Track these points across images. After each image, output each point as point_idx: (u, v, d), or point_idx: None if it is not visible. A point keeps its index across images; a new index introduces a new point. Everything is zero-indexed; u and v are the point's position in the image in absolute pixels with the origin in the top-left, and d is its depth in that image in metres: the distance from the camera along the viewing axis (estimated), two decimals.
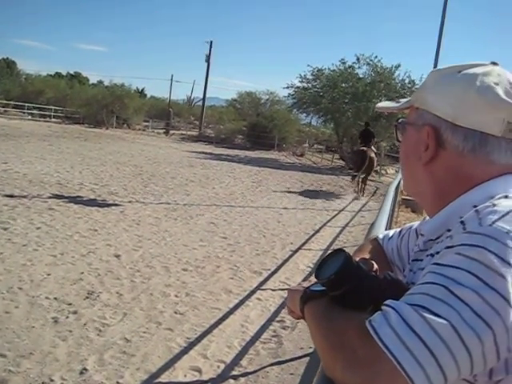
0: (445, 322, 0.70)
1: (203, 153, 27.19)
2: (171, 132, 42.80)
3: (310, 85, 29.94)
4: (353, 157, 19.33)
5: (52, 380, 3.52)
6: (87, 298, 5.08)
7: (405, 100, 1.09)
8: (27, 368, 3.64)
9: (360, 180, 15.94)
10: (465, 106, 0.92)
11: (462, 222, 0.83)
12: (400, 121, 1.08)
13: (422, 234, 1.08)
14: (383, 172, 25.05)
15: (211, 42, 47.89)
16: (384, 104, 1.19)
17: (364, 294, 0.83)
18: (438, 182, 0.97)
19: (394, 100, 1.15)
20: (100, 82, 65.08)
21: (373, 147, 16.63)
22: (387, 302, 0.76)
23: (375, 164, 17.26)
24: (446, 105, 0.94)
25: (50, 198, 9.83)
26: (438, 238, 0.95)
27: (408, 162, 1.05)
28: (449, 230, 0.88)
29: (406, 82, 27.14)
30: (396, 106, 1.11)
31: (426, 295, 0.74)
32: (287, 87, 30.71)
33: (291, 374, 4.00)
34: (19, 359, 3.74)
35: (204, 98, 50.55)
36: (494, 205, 0.82)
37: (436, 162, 0.96)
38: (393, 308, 0.74)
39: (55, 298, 4.95)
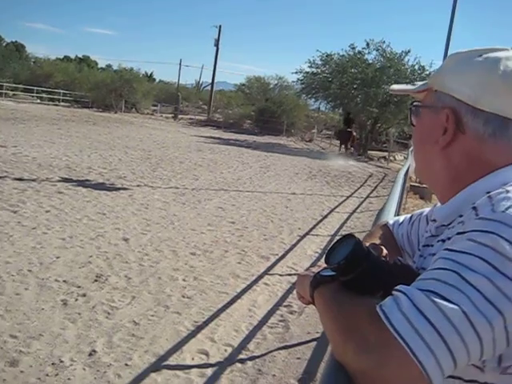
0: (456, 307, 0.70)
1: (211, 137, 27.16)
2: (179, 116, 42.71)
3: (319, 70, 29.81)
4: (342, 135, 26.59)
5: (62, 361, 3.56)
6: (96, 281, 5.12)
7: (421, 83, 1.07)
8: (37, 349, 3.69)
9: (344, 149, 25.91)
10: (487, 89, 0.90)
11: (474, 208, 0.82)
12: (415, 104, 1.05)
13: (433, 220, 1.07)
14: (392, 158, 24.93)
15: (220, 27, 47.57)
16: (399, 86, 1.17)
17: (374, 278, 0.83)
18: (454, 167, 0.95)
19: (409, 83, 1.13)
20: (109, 66, 64.89)
21: (353, 129, 26.25)
22: (398, 287, 0.76)
23: (355, 140, 26.79)
24: (468, 88, 0.92)
25: (58, 181, 9.88)
26: (450, 223, 0.94)
27: (423, 146, 1.03)
28: (461, 216, 0.88)
29: (416, 67, 26.94)
30: (412, 88, 1.08)
31: (437, 281, 0.73)
32: (296, 72, 30.65)
33: (298, 358, 4.03)
34: (29, 340, 3.79)
35: (213, 83, 50.34)
36: (508, 191, 0.81)
37: (453, 146, 0.95)
38: (404, 293, 0.74)
39: (64, 281, 4.99)
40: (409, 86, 1.11)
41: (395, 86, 1.15)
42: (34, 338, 3.84)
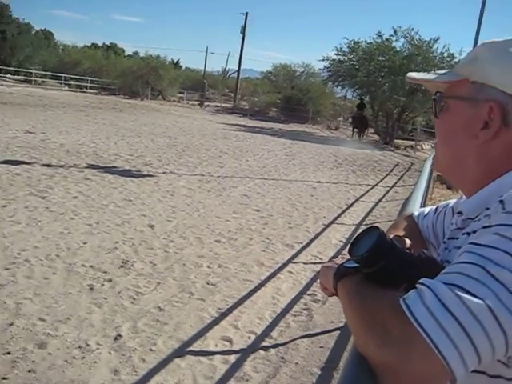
0: (480, 301, 0.69)
1: (237, 125, 27.17)
2: (206, 104, 42.81)
3: (345, 58, 29.54)
4: (357, 119, 27.69)
5: (88, 344, 3.62)
6: (122, 266, 5.18)
7: (441, 72, 1.02)
8: (64, 332, 3.75)
9: (359, 133, 27.27)
10: None
11: (501, 202, 0.80)
12: (443, 95, 1.00)
13: (459, 213, 1.05)
14: (418, 148, 24.62)
15: (246, 14, 47.38)
16: (418, 75, 1.07)
17: (398, 271, 0.82)
18: (491, 161, 0.92)
19: (428, 72, 1.07)
20: (135, 53, 65.24)
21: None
22: (422, 280, 0.75)
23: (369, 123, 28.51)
24: None
25: (86, 167, 10.00)
26: (476, 216, 0.92)
27: (454, 140, 0.98)
28: (487, 209, 0.86)
29: (445, 55, 26.48)
30: (432, 77, 1.02)
31: (462, 274, 0.72)
32: (323, 60, 30.43)
33: (321, 347, 4.03)
34: (57, 324, 3.86)
35: (239, 70, 50.26)
36: None
37: (495, 140, 0.91)
38: (428, 286, 0.73)
39: (91, 266, 5.06)
40: (429, 75, 1.04)
41: (413, 74, 1.07)
42: (62, 321, 3.91)
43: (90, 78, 40.46)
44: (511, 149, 0.90)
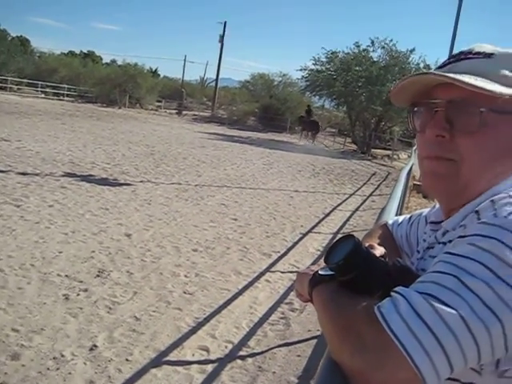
0: (454, 311, 0.69)
1: (215, 134, 27.17)
2: (184, 112, 42.74)
3: (323, 67, 29.82)
4: (309, 124, 30.55)
5: (63, 355, 3.58)
6: (98, 276, 5.13)
7: (459, 77, 0.87)
8: (39, 343, 3.70)
9: (310, 136, 30.36)
10: None
11: (476, 212, 0.82)
12: (488, 108, 0.88)
13: (432, 222, 1.06)
14: (395, 157, 24.87)
15: (225, 23, 47.57)
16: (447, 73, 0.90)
17: (373, 279, 0.83)
18: None
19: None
20: (113, 61, 64.93)
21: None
22: (396, 288, 0.76)
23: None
24: None
25: (62, 176, 9.89)
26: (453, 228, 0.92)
27: (503, 158, 0.91)
28: (463, 219, 0.87)
29: (421, 66, 26.85)
30: (474, 82, 0.86)
31: (437, 284, 0.73)
32: (301, 69, 30.68)
33: (298, 355, 4.03)
34: (31, 334, 3.80)
35: (217, 79, 50.32)
36: (511, 196, 0.81)
37: None
38: (402, 295, 0.73)
39: (66, 276, 5.00)
40: (465, 77, 0.87)
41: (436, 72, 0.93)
42: (36, 332, 3.85)
43: (67, 86, 40.13)
44: None
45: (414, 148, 17.72)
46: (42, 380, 3.26)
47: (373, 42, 27.61)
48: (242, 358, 3.90)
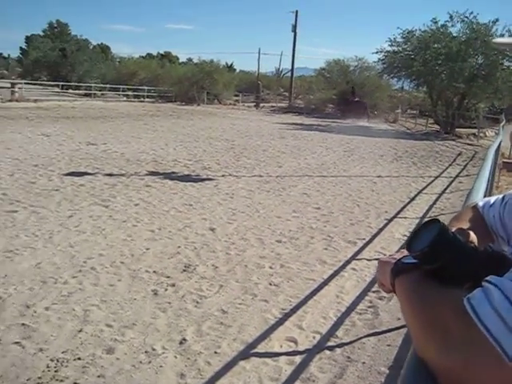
0: None
1: (294, 124, 27.12)
2: (261, 105, 43.00)
3: (400, 48, 29.03)
4: (355, 105, 32.86)
5: (154, 349, 3.66)
6: (184, 270, 5.23)
7: None
8: (131, 337, 3.81)
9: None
10: None
11: None
12: None
13: None
14: (481, 135, 23.79)
15: (297, 12, 47.16)
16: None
17: (461, 268, 0.75)
18: None
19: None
20: (189, 60, 66.33)
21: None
22: (488, 277, 0.68)
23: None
24: None
25: (146, 175, 10.19)
26: None
27: None
28: None
29: (506, 36, 25.44)
30: None
31: None
32: (376, 52, 30.02)
33: (388, 345, 3.92)
34: (123, 329, 3.92)
35: (292, 69, 50.12)
36: None
37: None
38: (495, 285, 0.66)
39: (154, 272, 5.13)
40: None
41: (500, 39, 0.89)
42: (128, 327, 3.97)
43: (146, 88, 41.36)
44: None
45: (502, 124, 16.86)
46: (135, 373, 3.35)
47: (451, 17, 26.49)
48: (331, 348, 3.83)
